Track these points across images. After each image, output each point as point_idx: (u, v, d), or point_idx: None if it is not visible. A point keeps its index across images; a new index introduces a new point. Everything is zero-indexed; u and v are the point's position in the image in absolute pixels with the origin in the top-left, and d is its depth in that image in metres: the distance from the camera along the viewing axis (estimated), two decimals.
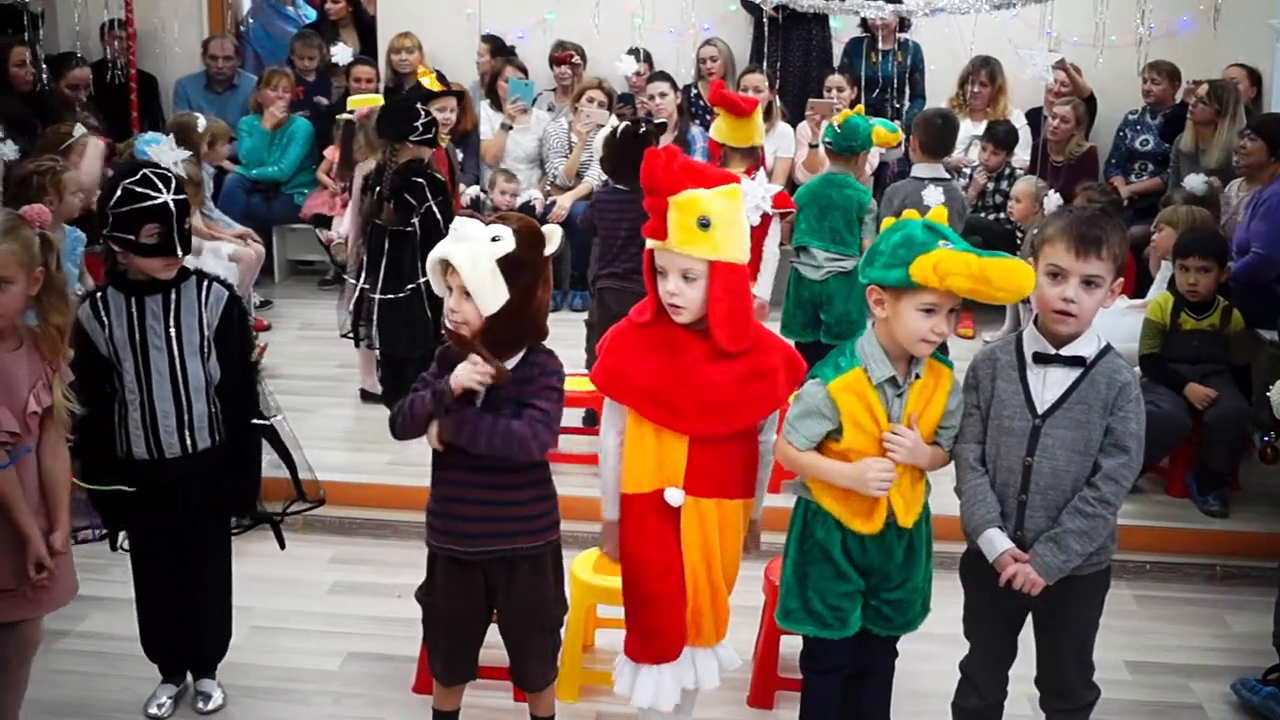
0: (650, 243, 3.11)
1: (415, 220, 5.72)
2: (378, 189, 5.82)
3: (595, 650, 4.18)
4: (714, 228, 3.02)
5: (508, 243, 3.10)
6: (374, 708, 3.94)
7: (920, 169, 5.96)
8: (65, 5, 8.18)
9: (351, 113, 6.49)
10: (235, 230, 7.40)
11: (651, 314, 3.19)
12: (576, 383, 5.49)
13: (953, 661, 3.48)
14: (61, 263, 3.41)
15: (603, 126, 6.00)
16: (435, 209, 5.69)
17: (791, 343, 4.80)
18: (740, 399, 3.16)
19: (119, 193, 3.47)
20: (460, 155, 7.66)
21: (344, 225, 7.43)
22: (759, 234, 5.34)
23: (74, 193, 5.54)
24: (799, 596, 3.30)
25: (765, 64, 8.21)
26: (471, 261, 3.08)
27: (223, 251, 6.95)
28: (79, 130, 6.24)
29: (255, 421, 3.77)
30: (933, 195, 5.61)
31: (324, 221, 8.21)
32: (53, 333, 3.29)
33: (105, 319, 3.55)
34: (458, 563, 3.32)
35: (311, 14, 10.20)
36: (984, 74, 8.08)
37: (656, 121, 5.81)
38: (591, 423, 5.76)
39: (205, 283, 3.65)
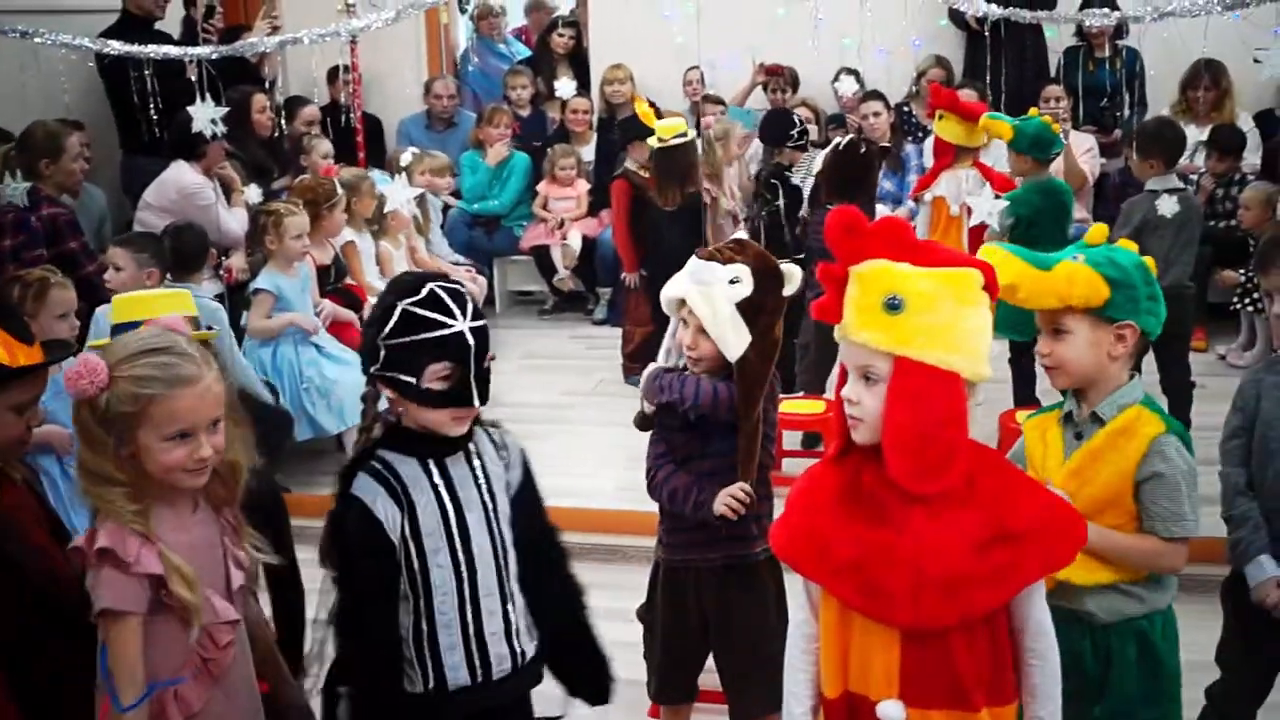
0: (836, 330, 2.31)
1: (764, 212, 6.70)
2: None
3: None
4: (907, 312, 2.20)
5: (746, 285, 3.05)
6: None
7: (1153, 182, 5.79)
8: (296, 54, 8.55)
9: (662, 140, 6.65)
10: (455, 262, 7.71)
11: (840, 441, 2.33)
12: (794, 405, 5.56)
13: (1198, 688, 3.34)
14: (227, 367, 2.65)
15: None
16: (781, 209, 6.53)
17: None
18: (976, 572, 2.19)
19: (396, 317, 2.49)
20: None
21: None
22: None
23: (295, 237, 5.86)
24: None
25: (978, 77, 8.10)
26: (711, 309, 3.05)
27: None
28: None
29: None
30: (1168, 205, 5.51)
31: (541, 252, 8.46)
32: (227, 470, 2.52)
33: (404, 496, 2.54)
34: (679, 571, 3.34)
35: (524, 51, 10.47)
36: (1207, 78, 7.83)
37: (880, 145, 5.84)
38: (812, 445, 5.80)
39: (492, 430, 2.73)
